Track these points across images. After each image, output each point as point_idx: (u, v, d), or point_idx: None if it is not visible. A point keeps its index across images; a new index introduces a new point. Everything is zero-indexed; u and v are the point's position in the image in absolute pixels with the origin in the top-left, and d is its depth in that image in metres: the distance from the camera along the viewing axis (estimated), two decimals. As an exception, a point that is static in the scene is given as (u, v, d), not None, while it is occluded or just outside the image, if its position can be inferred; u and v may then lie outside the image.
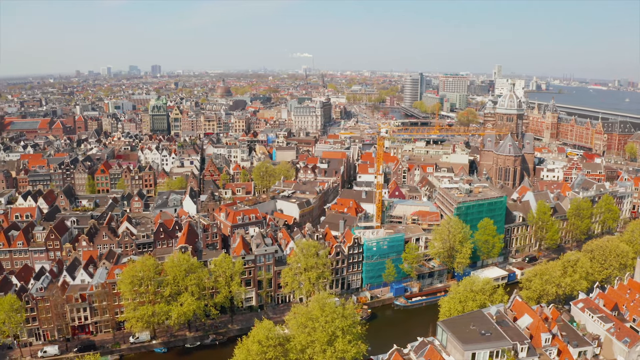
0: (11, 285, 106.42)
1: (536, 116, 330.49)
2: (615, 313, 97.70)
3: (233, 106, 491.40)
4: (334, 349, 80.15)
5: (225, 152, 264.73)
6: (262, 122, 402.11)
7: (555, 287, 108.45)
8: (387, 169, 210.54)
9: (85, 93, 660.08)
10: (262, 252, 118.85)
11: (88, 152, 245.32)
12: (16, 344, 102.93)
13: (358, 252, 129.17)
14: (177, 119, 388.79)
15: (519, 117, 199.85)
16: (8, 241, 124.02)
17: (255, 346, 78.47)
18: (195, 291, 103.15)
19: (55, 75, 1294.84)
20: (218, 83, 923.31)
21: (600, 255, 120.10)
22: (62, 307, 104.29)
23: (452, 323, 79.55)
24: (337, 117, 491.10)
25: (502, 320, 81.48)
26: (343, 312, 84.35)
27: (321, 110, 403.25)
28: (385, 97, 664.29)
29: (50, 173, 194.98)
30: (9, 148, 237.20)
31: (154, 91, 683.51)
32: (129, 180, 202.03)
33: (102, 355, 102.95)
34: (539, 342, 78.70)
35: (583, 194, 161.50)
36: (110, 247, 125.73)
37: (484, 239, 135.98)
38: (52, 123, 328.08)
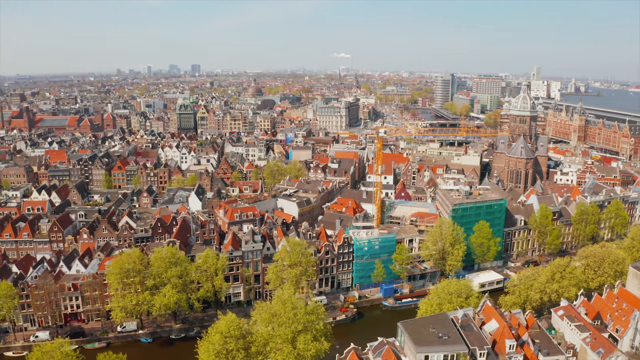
0: (10, 272, 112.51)
1: (564, 118, 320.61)
2: (597, 322, 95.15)
3: (261, 105, 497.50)
4: (294, 346, 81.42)
5: (243, 150, 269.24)
6: (287, 122, 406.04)
7: (540, 293, 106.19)
8: (397, 169, 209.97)
9: (121, 91, 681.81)
10: (250, 249, 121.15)
11: (111, 149, 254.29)
12: (12, 328, 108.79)
13: (348, 251, 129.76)
14: (204, 117, 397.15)
15: (532, 119, 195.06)
16: (15, 232, 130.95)
17: (217, 337, 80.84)
18: (178, 284, 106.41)
19: (97, 73, 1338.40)
20: (250, 83, 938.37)
21: (594, 262, 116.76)
22: (56, 295, 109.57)
23: (412, 325, 79.47)
24: (365, 118, 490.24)
25: (467, 325, 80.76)
26: (306, 309, 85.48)
27: (346, 110, 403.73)
28: (417, 97, 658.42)
29: (69, 169, 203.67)
30: (36, 144, 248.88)
31: (188, 90, 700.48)
32: (145, 177, 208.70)
33: (90, 342, 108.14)
34: (503, 348, 77.56)
35: (591, 198, 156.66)
36: (110, 240, 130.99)
37: (479, 242, 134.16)
38: (81, 120, 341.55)
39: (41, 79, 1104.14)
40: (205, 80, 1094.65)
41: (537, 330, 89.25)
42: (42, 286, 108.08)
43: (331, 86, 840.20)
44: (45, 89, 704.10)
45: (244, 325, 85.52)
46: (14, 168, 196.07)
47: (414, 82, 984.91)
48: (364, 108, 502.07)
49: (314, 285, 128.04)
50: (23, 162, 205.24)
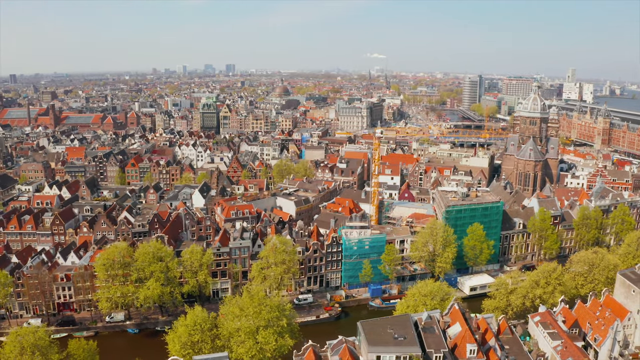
0: (9, 262, 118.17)
1: (588, 121, 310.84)
2: (575, 331, 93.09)
3: (285, 105, 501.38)
4: (256, 340, 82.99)
5: (258, 150, 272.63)
6: (308, 122, 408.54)
7: (522, 299, 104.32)
8: (405, 170, 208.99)
9: (152, 90, 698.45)
10: (237, 245, 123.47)
11: (130, 147, 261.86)
12: (8, 315, 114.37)
13: (337, 250, 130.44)
14: (226, 117, 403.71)
15: (542, 121, 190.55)
16: (19, 224, 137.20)
17: (183, 329, 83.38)
18: (161, 277, 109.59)
19: (132, 72, 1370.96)
20: (277, 82, 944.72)
21: (584, 268, 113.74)
22: (49, 285, 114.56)
23: (371, 324, 79.80)
24: (389, 118, 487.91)
25: (430, 327, 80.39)
26: (272, 306, 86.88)
27: (367, 111, 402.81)
28: (446, 99, 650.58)
29: (85, 165, 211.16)
30: (59, 141, 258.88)
31: (218, 89, 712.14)
32: (157, 174, 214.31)
33: (79, 331, 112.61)
34: (464, 352, 76.81)
35: (596, 202, 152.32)
36: (108, 234, 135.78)
37: (471, 245, 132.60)
38: (104, 118, 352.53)
39: (78, 77, 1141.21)
40: (237, 80, 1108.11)
41: (510, 336, 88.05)
42: (36, 276, 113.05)
43: (361, 87, 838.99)
44: (79, 87, 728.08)
45: (211, 319, 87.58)
46: (32, 164, 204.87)
47: (446, 84, 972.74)
48: (388, 109, 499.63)
49: (301, 283, 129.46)
50: (41, 158, 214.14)
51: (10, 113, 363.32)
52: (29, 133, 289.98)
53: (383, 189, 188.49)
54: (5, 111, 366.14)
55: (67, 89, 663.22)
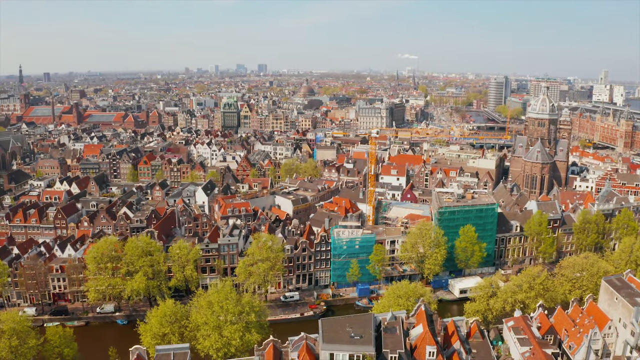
0: (10, 253, 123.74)
1: (610, 124, 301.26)
2: (550, 337, 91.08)
3: (308, 105, 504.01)
4: (221, 334, 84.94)
5: (271, 149, 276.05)
6: (328, 122, 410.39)
7: (503, 303, 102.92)
8: (411, 171, 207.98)
9: (180, 89, 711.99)
10: (226, 242, 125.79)
11: (147, 145, 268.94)
12: (6, 304, 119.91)
13: (326, 249, 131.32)
14: (247, 116, 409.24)
15: (551, 122, 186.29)
16: (25, 217, 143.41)
17: (154, 320, 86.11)
18: (148, 271, 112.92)
19: (165, 72, 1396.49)
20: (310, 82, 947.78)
21: (572, 274, 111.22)
22: (45, 276, 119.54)
23: (332, 322, 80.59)
24: (412, 119, 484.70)
25: (392, 327, 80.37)
26: (239, 300, 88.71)
27: (387, 111, 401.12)
28: (472, 100, 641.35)
29: (99, 162, 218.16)
30: (79, 138, 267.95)
31: (246, 89, 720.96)
32: (168, 171, 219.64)
33: (71, 320, 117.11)
34: (423, 354, 76.61)
35: (599, 206, 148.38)
36: (107, 228, 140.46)
37: (462, 246, 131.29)
38: (126, 117, 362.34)
39: (111, 76, 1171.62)
40: (266, 79, 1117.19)
41: (480, 340, 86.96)
42: (33, 267, 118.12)
43: (389, 87, 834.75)
44: (111, 86, 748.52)
45: (182, 311, 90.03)
46: (49, 160, 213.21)
47: (477, 85, 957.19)
48: (411, 109, 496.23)
49: (290, 281, 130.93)
50: (58, 155, 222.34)
51: (36, 111, 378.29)
52: (51, 130, 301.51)
53: (386, 190, 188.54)
54: (31, 109, 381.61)
55: (98, 88, 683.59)
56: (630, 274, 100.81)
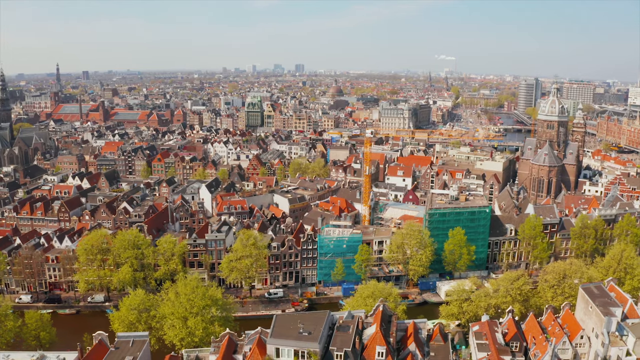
0: (11, 243, 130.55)
1: (638, 127, 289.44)
2: (515, 344, 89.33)
3: (334, 106, 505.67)
4: (186, 325, 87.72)
5: (286, 148, 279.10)
6: (350, 122, 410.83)
7: (476, 307, 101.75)
8: (418, 172, 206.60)
9: (213, 89, 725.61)
10: (213, 238, 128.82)
11: (166, 143, 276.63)
12: (5, 291, 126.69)
13: (312, 248, 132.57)
14: (270, 116, 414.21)
15: (560, 125, 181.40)
16: (31, 210, 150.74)
17: (124, 309, 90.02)
18: (135, 263, 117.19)
19: (203, 71, 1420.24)
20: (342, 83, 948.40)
21: (555, 280, 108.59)
22: (41, 265, 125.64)
23: (286, 318, 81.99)
24: (438, 120, 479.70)
25: (346, 326, 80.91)
26: (205, 293, 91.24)
27: (409, 112, 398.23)
28: (504, 102, 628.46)
29: (115, 159, 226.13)
30: (102, 135, 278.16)
31: (278, 89, 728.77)
32: (181, 169, 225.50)
33: (63, 308, 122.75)
34: (373, 354, 76.88)
35: (601, 211, 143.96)
36: (107, 222, 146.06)
37: (450, 249, 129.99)
38: (150, 115, 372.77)
39: (149, 75, 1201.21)
40: (300, 79, 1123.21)
41: (441, 344, 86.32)
42: (30, 256, 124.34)
43: (422, 88, 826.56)
44: (147, 84, 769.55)
45: (151, 301, 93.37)
46: (67, 156, 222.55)
47: (513, 86, 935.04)
48: (437, 111, 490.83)
49: (277, 277, 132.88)
50: (77, 151, 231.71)
51: (65, 108, 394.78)
52: (77, 128, 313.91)
53: (389, 190, 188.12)
54: (60, 106, 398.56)
55: (132, 87, 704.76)
56: (612, 282, 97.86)
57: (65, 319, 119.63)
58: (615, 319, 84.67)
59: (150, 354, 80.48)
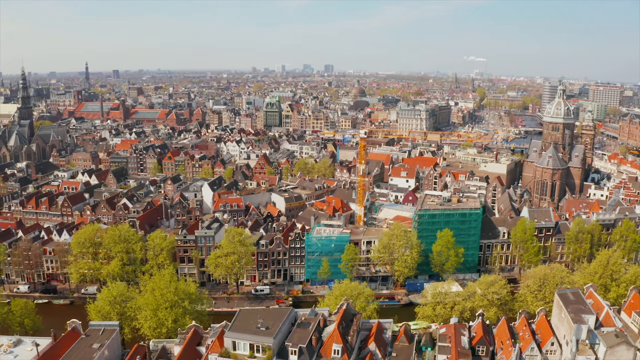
0: (13, 235, 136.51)
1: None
2: (481, 348, 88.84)
3: (354, 106, 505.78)
4: (156, 317, 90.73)
5: (297, 148, 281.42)
6: (367, 123, 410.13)
7: (449, 310, 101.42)
8: (422, 174, 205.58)
9: (238, 89, 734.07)
10: (202, 234, 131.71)
11: (180, 141, 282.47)
12: (6, 281, 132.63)
13: (300, 246, 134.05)
14: (288, 116, 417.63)
15: (566, 127, 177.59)
16: (36, 204, 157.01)
17: (102, 299, 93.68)
18: (124, 257, 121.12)
19: (232, 71, 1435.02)
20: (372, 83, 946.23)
21: (535, 285, 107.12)
22: (40, 257, 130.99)
23: (248, 313, 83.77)
24: (459, 122, 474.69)
25: (306, 323, 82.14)
26: (178, 287, 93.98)
27: (426, 113, 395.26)
28: (529, 104, 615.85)
29: (127, 156, 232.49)
30: (119, 133, 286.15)
31: (301, 89, 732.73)
32: (190, 167, 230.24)
33: (57, 299, 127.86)
34: (329, 352, 77.93)
35: (599, 216, 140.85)
36: (107, 217, 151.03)
37: (438, 250, 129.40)
38: (169, 114, 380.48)
39: (178, 75, 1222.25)
40: (327, 80, 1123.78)
41: (405, 344, 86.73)
42: (28, 248, 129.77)
43: (447, 89, 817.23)
44: (175, 84, 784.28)
45: (129, 294, 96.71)
46: (82, 153, 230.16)
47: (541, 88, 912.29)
48: (458, 112, 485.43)
49: (265, 274, 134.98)
50: (92, 149, 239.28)
51: (87, 107, 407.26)
52: (97, 125, 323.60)
53: (390, 191, 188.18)
54: (82, 105, 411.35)
55: (159, 86, 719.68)
56: (591, 288, 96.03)
57: (59, 308, 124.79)
58: (586, 326, 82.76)
59: (120, 342, 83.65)
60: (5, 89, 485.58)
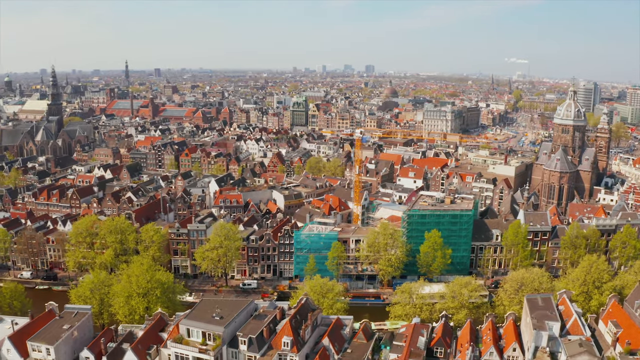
0: (20, 224, 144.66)
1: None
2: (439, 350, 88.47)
3: (382, 107, 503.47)
4: (129, 304, 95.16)
5: (315, 147, 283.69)
6: (392, 124, 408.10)
7: (418, 311, 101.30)
8: (429, 174, 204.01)
9: (273, 88, 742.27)
10: (195, 228, 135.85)
11: (202, 139, 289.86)
12: (12, 267, 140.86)
13: (289, 243, 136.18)
14: (314, 115, 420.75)
15: (576, 129, 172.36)
16: (48, 196, 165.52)
17: (83, 285, 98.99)
18: (117, 247, 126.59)
19: (273, 70, 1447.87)
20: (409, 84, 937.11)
21: (512, 288, 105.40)
22: (43, 245, 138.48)
23: (209, 302, 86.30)
24: (488, 124, 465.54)
25: (263, 315, 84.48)
26: (153, 277, 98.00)
27: (452, 115, 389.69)
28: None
29: (146, 152, 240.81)
30: (144, 130, 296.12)
31: (335, 89, 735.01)
32: (206, 164, 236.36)
33: (57, 285, 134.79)
34: (280, 344, 79.65)
35: (599, 221, 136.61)
36: (112, 210, 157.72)
37: (425, 251, 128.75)
38: (196, 112, 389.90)
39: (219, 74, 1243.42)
40: (365, 80, 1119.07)
41: (363, 342, 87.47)
42: (32, 236, 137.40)
43: (483, 91, 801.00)
44: (213, 83, 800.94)
45: (108, 281, 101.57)
46: (104, 149, 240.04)
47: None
48: (488, 114, 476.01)
49: (255, 269, 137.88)
50: (114, 144, 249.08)
51: (119, 104, 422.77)
52: (125, 122, 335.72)
53: (394, 191, 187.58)
54: (114, 102, 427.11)
55: (195, 84, 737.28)
56: (565, 294, 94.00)
57: (57, 294, 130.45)
58: (546, 333, 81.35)
59: (92, 325, 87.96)
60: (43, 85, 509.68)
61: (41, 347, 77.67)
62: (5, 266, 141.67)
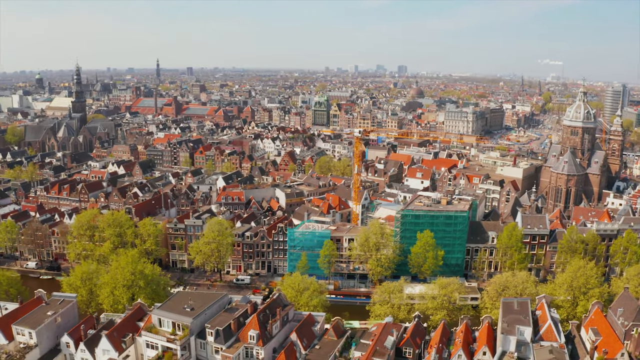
0: (29, 216, 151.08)
1: None
2: (408, 350, 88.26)
3: (405, 107, 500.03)
4: (113, 294, 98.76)
5: (330, 146, 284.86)
6: (413, 124, 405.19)
7: (397, 310, 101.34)
8: (437, 175, 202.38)
9: (302, 88, 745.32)
10: (192, 224, 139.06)
11: (220, 137, 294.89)
12: (19, 257, 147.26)
13: (283, 240, 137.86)
14: (336, 115, 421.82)
15: (585, 131, 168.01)
16: (59, 190, 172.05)
17: (74, 274, 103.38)
18: (115, 240, 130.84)
19: (306, 70, 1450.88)
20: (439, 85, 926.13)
21: (494, 292, 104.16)
22: (48, 237, 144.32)
23: (184, 295, 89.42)
24: (513, 125, 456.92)
25: (234, 309, 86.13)
26: (136, 269, 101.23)
27: (473, 116, 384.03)
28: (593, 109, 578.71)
29: (162, 149, 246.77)
30: (165, 128, 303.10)
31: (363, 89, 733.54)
32: (219, 161, 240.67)
33: (59, 275, 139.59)
34: (246, 337, 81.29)
35: (599, 225, 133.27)
36: (118, 205, 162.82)
37: (417, 251, 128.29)
38: (218, 111, 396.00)
39: (251, 73, 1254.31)
40: (396, 80, 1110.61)
41: (334, 339, 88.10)
42: (39, 228, 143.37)
43: (510, 93, 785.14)
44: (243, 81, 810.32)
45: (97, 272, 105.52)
46: (122, 146, 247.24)
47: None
48: (512, 115, 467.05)
49: (250, 265, 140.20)
50: (132, 141, 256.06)
51: (144, 102, 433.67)
52: (148, 120, 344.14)
53: (399, 192, 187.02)
54: (139, 100, 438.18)
55: (224, 83, 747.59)
56: (544, 299, 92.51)
57: (58, 284, 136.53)
58: (514, 338, 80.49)
59: (76, 313, 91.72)
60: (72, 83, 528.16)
61: (24, 330, 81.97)
62: (13, 256, 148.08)
